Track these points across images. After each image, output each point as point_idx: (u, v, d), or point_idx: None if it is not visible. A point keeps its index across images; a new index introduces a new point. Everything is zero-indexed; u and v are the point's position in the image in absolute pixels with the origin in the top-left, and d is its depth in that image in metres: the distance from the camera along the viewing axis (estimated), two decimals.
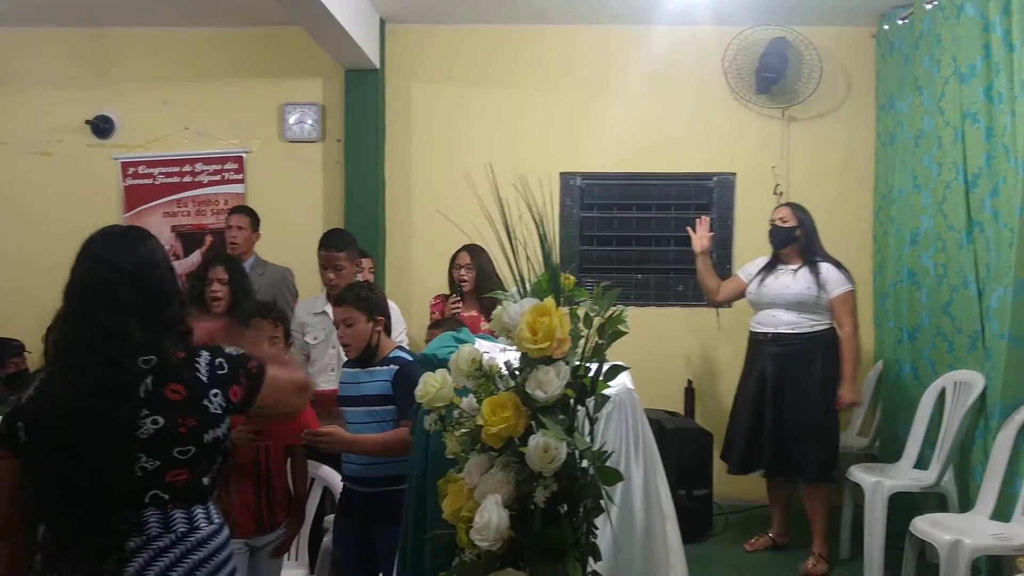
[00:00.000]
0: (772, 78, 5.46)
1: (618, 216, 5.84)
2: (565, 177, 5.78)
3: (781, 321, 4.49)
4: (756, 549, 4.73)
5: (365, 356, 3.14)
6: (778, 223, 4.57)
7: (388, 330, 3.25)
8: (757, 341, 4.63)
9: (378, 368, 3.11)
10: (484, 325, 4.28)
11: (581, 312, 2.04)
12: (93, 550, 1.79)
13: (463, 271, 4.61)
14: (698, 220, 4.91)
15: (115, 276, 1.89)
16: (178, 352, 1.89)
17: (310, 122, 5.83)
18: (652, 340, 5.40)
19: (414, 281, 5.70)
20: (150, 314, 1.90)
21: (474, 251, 4.55)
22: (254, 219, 5.01)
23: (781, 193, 5.58)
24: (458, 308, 4.54)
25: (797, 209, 4.58)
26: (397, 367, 3.08)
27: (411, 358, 3.16)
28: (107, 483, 1.80)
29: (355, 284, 3.33)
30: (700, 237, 4.85)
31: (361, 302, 3.11)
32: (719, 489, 5.08)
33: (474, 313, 4.53)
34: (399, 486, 3.00)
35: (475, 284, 4.57)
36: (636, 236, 5.83)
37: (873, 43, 5.59)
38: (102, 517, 1.80)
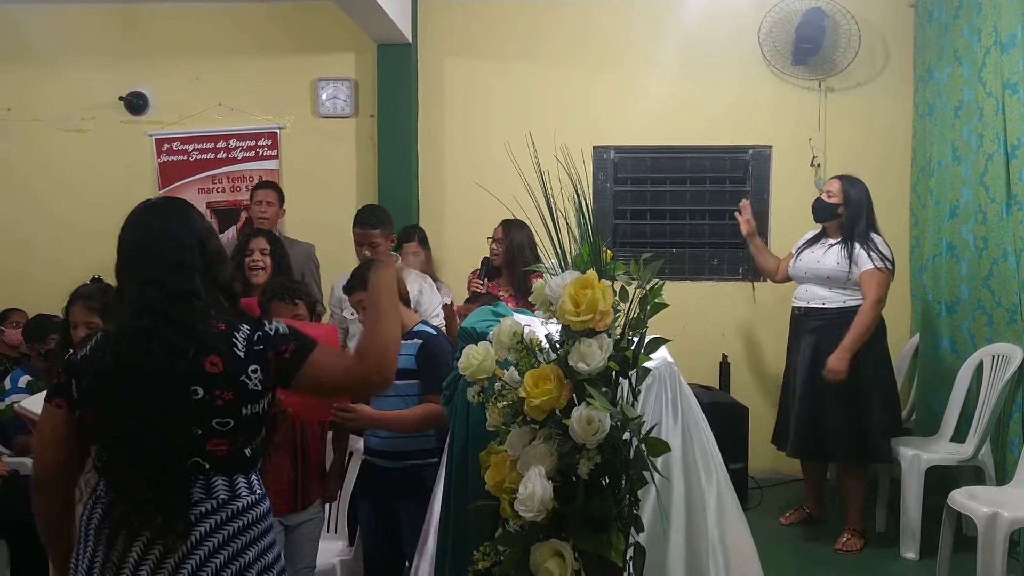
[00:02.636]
0: (810, 48, 5.39)
1: (652, 189, 5.82)
2: (598, 151, 5.76)
3: (814, 296, 4.46)
4: (791, 523, 4.72)
5: None
6: (824, 197, 4.49)
7: (407, 303, 3.24)
8: (795, 316, 4.60)
9: (403, 342, 3.09)
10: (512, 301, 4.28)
11: (618, 285, 2.03)
12: (153, 507, 1.81)
13: (494, 244, 4.60)
14: (741, 204, 4.84)
15: (172, 239, 1.91)
16: (219, 324, 1.89)
17: (343, 98, 5.84)
18: (687, 314, 5.38)
19: (447, 256, 5.71)
20: (209, 275, 1.93)
21: (509, 226, 4.53)
22: (280, 195, 5.05)
23: (819, 165, 5.53)
24: (480, 287, 4.52)
25: (848, 183, 4.46)
26: (421, 341, 3.09)
27: (434, 332, 3.18)
28: (169, 444, 1.82)
29: (359, 268, 3.31)
30: (746, 221, 4.77)
31: (367, 283, 3.11)
32: (754, 463, 5.08)
33: (503, 292, 4.51)
34: (423, 460, 3.04)
35: (504, 259, 4.54)
36: (670, 210, 5.81)
37: (911, 13, 5.49)
38: (161, 475, 1.82)
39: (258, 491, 1.96)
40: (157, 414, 1.82)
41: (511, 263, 4.52)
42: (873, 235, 4.39)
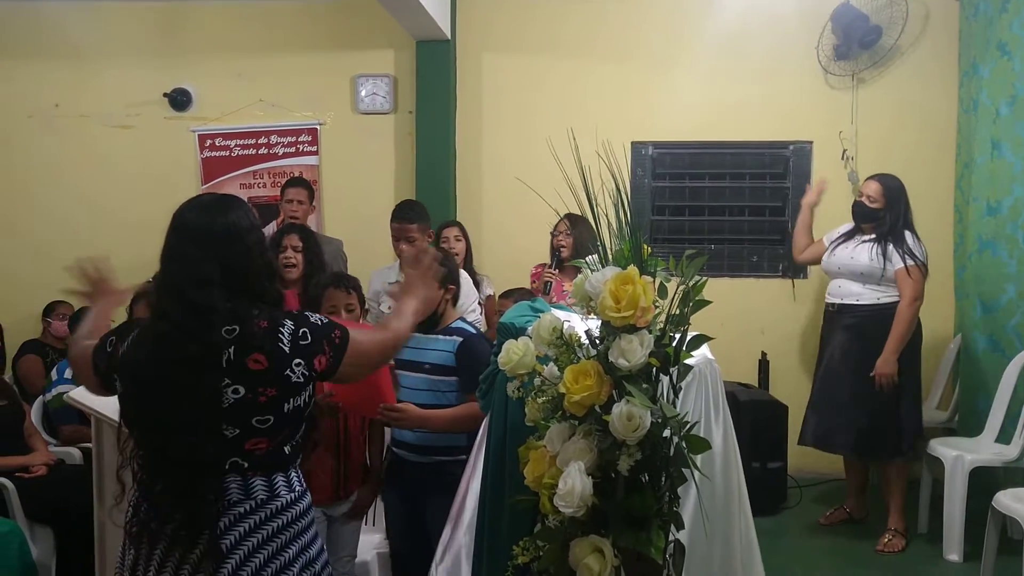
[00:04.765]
0: (873, 39, 5.32)
1: (690, 185, 5.78)
2: (636, 146, 5.72)
3: (848, 292, 4.42)
4: (831, 523, 4.67)
5: (428, 322, 3.13)
6: (865, 202, 4.42)
7: (455, 301, 3.25)
8: (828, 313, 4.58)
9: (440, 337, 3.10)
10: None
11: (656, 282, 2.02)
12: (180, 514, 1.84)
13: (561, 237, 4.56)
14: (820, 180, 5.01)
15: (197, 250, 1.88)
16: (261, 322, 1.88)
17: (382, 94, 5.87)
18: (725, 311, 5.32)
19: (484, 251, 5.71)
20: (235, 286, 1.89)
21: (574, 219, 4.50)
22: (310, 191, 5.09)
23: (851, 158, 5.45)
24: (553, 277, 4.50)
25: (889, 188, 4.39)
26: (461, 339, 3.07)
27: (474, 330, 3.18)
28: (191, 451, 1.83)
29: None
30: (815, 192, 4.90)
31: None
32: (794, 462, 5.03)
33: (568, 285, 4.49)
34: (452, 456, 3.04)
35: (572, 251, 4.52)
36: (709, 206, 5.76)
37: (957, 6, 5.39)
38: (187, 483, 1.83)
39: (298, 488, 1.97)
40: (181, 424, 1.83)
41: (578, 257, 4.50)
42: (907, 232, 4.35)
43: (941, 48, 5.45)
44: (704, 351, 2.43)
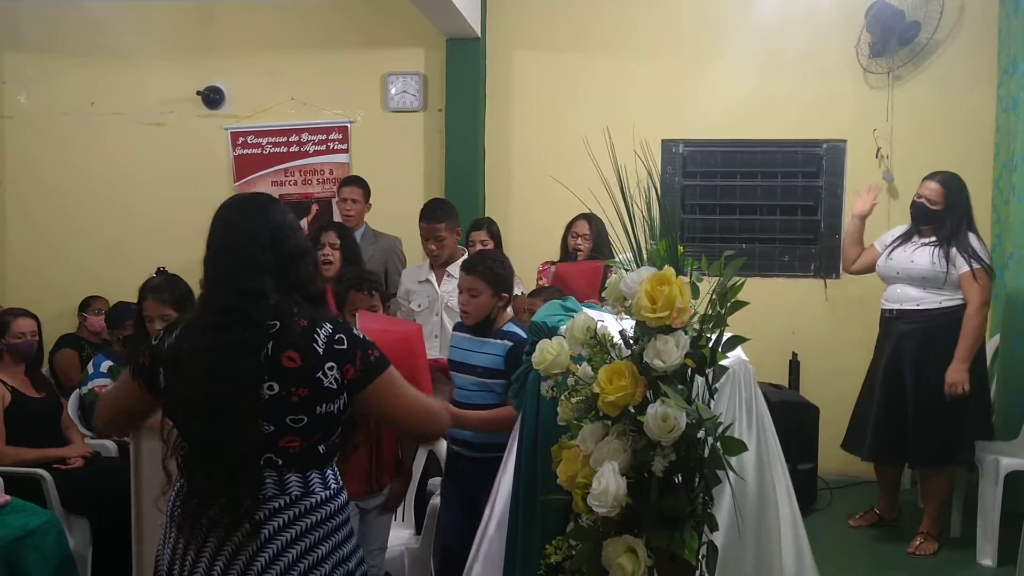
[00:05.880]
0: (912, 35, 5.25)
1: (722, 184, 5.74)
2: (666, 144, 5.70)
3: (907, 297, 4.28)
4: (861, 525, 4.63)
5: (482, 326, 3.16)
6: (925, 203, 4.26)
7: (506, 306, 3.26)
8: (885, 319, 4.42)
9: (492, 340, 3.13)
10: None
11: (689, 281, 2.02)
12: (223, 498, 1.85)
13: (579, 240, 4.56)
14: (870, 186, 4.76)
15: (247, 239, 1.92)
16: (301, 320, 1.90)
17: (412, 92, 5.89)
18: (755, 311, 5.21)
19: (513, 249, 5.66)
20: (282, 274, 1.93)
21: (592, 220, 4.49)
22: (366, 190, 5.09)
23: (886, 156, 5.39)
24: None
25: (950, 187, 4.22)
26: (511, 343, 3.09)
27: (524, 334, 3.18)
28: (231, 439, 1.84)
29: (487, 255, 3.29)
30: (865, 201, 4.65)
31: (491, 277, 3.11)
32: (824, 463, 4.99)
33: None
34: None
35: (590, 254, 4.52)
36: (740, 205, 5.72)
37: (996, 3, 5.31)
38: (227, 470, 1.84)
39: (333, 485, 1.98)
40: (225, 410, 1.84)
41: (596, 257, 4.50)
42: (970, 234, 4.21)
43: (979, 45, 5.37)
44: (738, 352, 2.41)
